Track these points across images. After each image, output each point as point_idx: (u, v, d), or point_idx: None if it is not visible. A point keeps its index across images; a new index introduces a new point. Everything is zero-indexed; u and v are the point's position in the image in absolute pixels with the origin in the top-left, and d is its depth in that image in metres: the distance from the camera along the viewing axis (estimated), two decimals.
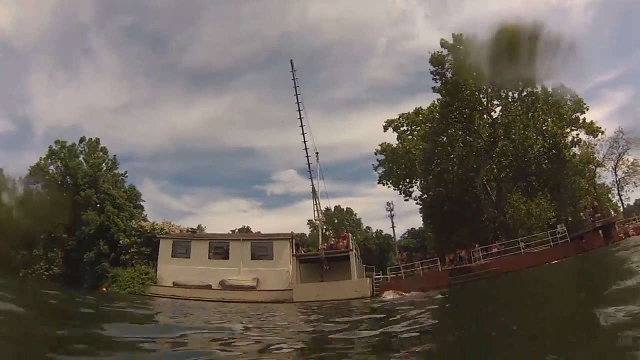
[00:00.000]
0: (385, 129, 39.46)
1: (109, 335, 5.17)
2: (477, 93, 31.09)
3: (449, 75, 31.35)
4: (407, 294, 18.23)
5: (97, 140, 38.25)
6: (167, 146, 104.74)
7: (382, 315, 10.15)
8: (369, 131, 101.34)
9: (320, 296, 22.76)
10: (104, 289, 28.98)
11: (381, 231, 60.86)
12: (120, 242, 31.79)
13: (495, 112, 32.35)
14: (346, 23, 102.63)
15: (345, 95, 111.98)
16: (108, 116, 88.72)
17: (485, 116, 32.11)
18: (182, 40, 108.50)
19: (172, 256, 29.69)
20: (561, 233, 24.51)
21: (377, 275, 28.35)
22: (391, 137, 40.51)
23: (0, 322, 5.14)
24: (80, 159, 36.88)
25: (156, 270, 29.42)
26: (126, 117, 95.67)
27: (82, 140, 37.69)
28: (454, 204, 33.99)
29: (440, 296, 15.21)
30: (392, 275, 28.24)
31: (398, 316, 9.28)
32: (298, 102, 33.44)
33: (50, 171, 36.18)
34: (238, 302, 23.04)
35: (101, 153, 37.88)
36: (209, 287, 27.16)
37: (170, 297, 25.14)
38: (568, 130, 34.52)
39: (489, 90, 31.35)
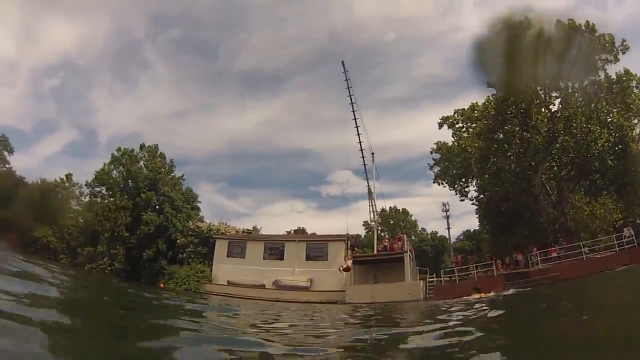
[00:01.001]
0: (441, 126, 38.86)
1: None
2: (533, 85, 29.29)
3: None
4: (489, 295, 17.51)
5: (156, 146, 41.56)
6: (223, 149, 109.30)
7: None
8: (424, 129, 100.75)
9: (374, 298, 23.15)
10: (162, 285, 31.36)
11: (436, 233, 60.14)
12: (178, 241, 34.20)
13: (554, 105, 30.88)
14: (392, 18, 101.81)
15: (398, 93, 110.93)
16: (165, 123, 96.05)
17: (543, 110, 30.80)
18: (231, 46, 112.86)
19: (227, 256, 31.42)
20: (628, 237, 23.03)
21: (430, 278, 28.22)
22: (446, 135, 39.99)
23: (81, 309, 6.39)
24: (141, 164, 40.34)
25: (211, 269, 31.37)
26: (182, 123, 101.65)
27: (142, 147, 41.16)
28: (511, 204, 32.97)
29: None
30: (446, 279, 27.94)
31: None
32: (352, 103, 34.31)
33: (114, 176, 39.81)
34: (291, 302, 23.79)
35: (160, 158, 41.04)
36: (262, 286, 28.36)
37: (224, 295, 26.66)
38: (636, 121, 31.63)
39: (546, 82, 29.62)
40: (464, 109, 37.49)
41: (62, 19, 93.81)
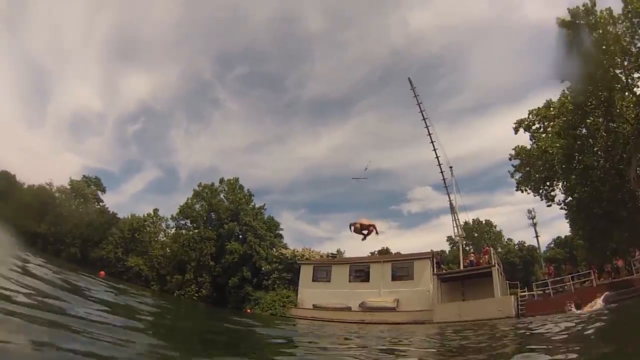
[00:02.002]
0: (516, 130, 37.28)
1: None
2: (611, 70, 27.07)
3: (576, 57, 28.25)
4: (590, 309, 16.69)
5: (236, 180, 45.01)
6: (300, 177, 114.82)
7: None
8: (498, 135, 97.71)
9: (462, 316, 22.86)
10: (249, 310, 33.33)
11: (524, 242, 57.26)
12: (263, 268, 36.27)
13: (638, 87, 27.99)
14: (448, 27, 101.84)
15: (465, 102, 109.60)
16: (241, 156, 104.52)
17: (627, 94, 28.24)
18: (297, 77, 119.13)
19: (312, 280, 32.71)
20: None
21: (521, 292, 26.88)
22: (524, 139, 38.25)
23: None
24: (221, 196, 43.53)
25: (297, 294, 32.74)
26: (258, 155, 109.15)
27: (221, 181, 45.16)
28: (604, 204, 30.60)
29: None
30: (539, 292, 26.50)
31: None
32: (424, 119, 34.53)
33: (197, 209, 43.49)
34: (377, 323, 24.13)
35: (239, 190, 44.10)
36: (348, 309, 29.02)
37: (310, 319, 27.54)
38: None
39: (626, 63, 27.12)
40: (538, 108, 35.91)
41: (137, 71, 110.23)
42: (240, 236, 40.91)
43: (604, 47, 26.05)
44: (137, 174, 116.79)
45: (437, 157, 34.43)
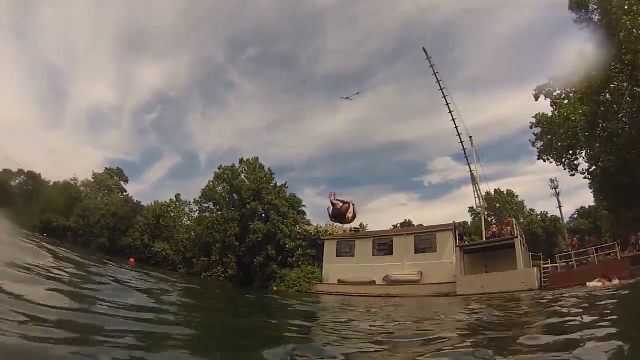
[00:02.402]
0: (537, 97, 35.87)
1: None
2: (635, 31, 24.71)
3: (596, 18, 27.23)
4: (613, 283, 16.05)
5: (256, 159, 45.62)
6: (320, 153, 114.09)
7: None
8: (519, 103, 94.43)
9: (485, 288, 22.97)
10: (275, 288, 34.29)
11: (546, 213, 55.51)
12: (287, 246, 37.07)
13: None
14: None
15: (484, 70, 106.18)
16: (259, 136, 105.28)
17: None
18: (310, 53, 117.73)
19: (337, 256, 33.41)
20: None
21: (545, 264, 26.67)
22: (545, 106, 36.67)
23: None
24: (242, 177, 44.39)
25: (322, 270, 33.51)
26: (276, 134, 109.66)
27: (241, 161, 45.75)
28: (630, 173, 30.75)
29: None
30: (562, 264, 25.96)
31: None
32: (442, 89, 34.18)
33: (219, 191, 44.46)
34: (401, 296, 24.44)
35: (260, 169, 44.82)
36: (373, 283, 29.65)
37: (335, 294, 28.38)
38: None
39: None
40: (558, 74, 34.52)
41: (149, 62, 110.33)
42: (264, 215, 41.78)
43: (626, 7, 24.85)
44: (157, 162, 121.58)
45: (456, 127, 34.16)
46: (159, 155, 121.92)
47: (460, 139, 34.06)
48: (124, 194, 61.97)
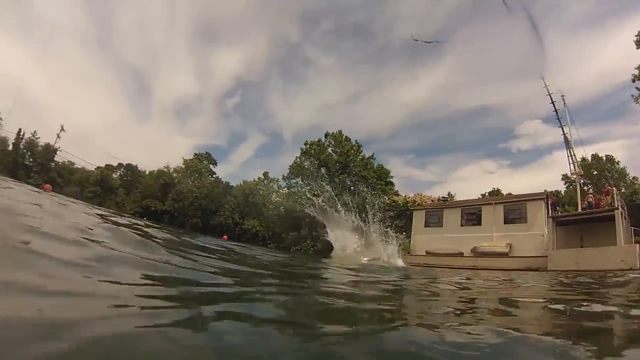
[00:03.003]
0: (639, 44, 31.95)
1: None
2: None
3: None
4: None
5: (340, 132, 47.10)
6: (404, 122, 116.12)
7: None
8: (619, 52, 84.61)
9: (579, 265, 21.69)
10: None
11: None
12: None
13: None
14: None
15: (577, 15, 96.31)
16: (342, 109, 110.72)
17: None
18: (384, 21, 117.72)
19: (425, 226, 33.77)
20: None
21: None
22: None
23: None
24: (329, 150, 46.03)
25: (410, 241, 34.09)
26: (358, 105, 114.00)
27: (326, 135, 47.47)
28: None
29: None
30: None
31: None
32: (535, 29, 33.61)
33: (306, 166, 46.48)
34: (489, 269, 23.44)
35: (346, 142, 46.29)
36: (460, 254, 29.48)
37: (423, 265, 27.88)
38: None
39: None
40: None
41: (226, 49, 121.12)
42: (352, 187, 43.18)
43: None
44: (243, 143, 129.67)
45: (545, 86, 32.40)
46: (244, 137, 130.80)
47: (551, 98, 32.25)
48: (214, 176, 67.57)
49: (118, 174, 76.30)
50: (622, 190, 43.82)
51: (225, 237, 42.47)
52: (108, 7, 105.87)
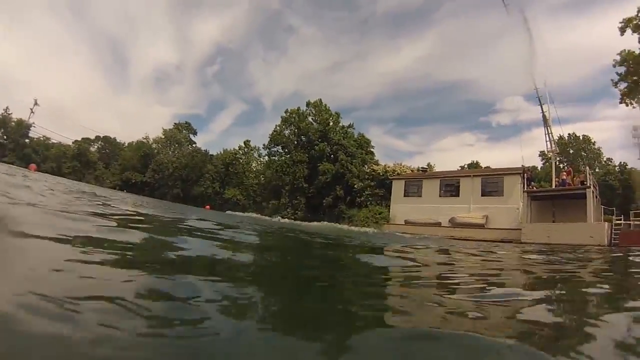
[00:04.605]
0: (623, 31, 32.14)
1: None
2: None
3: None
4: None
5: (320, 101, 47.15)
6: (385, 92, 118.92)
7: None
8: (601, 37, 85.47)
9: (550, 238, 22.60)
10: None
11: (625, 164, 51.04)
12: (355, 186, 38.75)
13: None
14: None
15: None
16: (323, 77, 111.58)
17: None
18: None
19: (404, 196, 34.29)
20: None
21: (617, 219, 25.11)
22: (631, 42, 32.78)
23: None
24: (309, 119, 46.20)
25: (389, 210, 34.68)
26: (340, 75, 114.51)
27: (308, 103, 47.44)
28: None
29: None
30: (636, 222, 24.83)
31: None
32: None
33: (286, 134, 46.76)
34: (465, 239, 23.62)
35: (325, 110, 46.44)
36: (438, 224, 30.32)
37: (402, 234, 28.14)
38: None
39: None
40: None
41: (205, 16, 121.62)
42: (332, 156, 43.65)
43: None
44: (222, 112, 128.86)
45: (528, 64, 33.32)
46: (224, 105, 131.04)
47: (533, 77, 32.91)
48: (193, 145, 67.15)
49: (96, 147, 75.43)
50: (596, 170, 45.14)
51: (207, 207, 42.65)
52: None
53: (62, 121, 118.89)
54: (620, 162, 52.89)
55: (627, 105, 34.57)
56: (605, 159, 56.22)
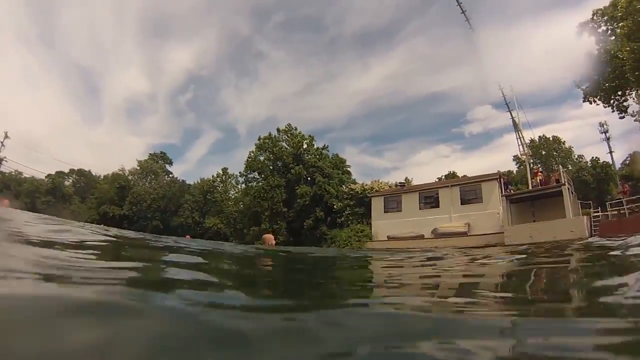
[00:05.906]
0: (580, 34, 33.59)
1: None
2: None
3: None
4: None
5: (289, 125, 47.48)
6: (357, 111, 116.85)
7: None
8: (561, 41, 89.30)
9: (533, 238, 22.62)
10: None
11: (597, 159, 52.86)
12: (335, 206, 38.53)
13: None
14: None
15: (518, 6, 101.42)
16: (295, 100, 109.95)
17: None
18: (335, 13, 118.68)
19: (384, 212, 34.35)
20: None
21: (595, 212, 26.56)
22: (589, 43, 33.88)
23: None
24: (283, 143, 46.07)
25: (371, 227, 34.55)
26: (312, 97, 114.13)
27: (278, 130, 47.35)
28: None
29: None
30: (613, 212, 25.77)
31: None
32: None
33: (262, 160, 46.48)
34: (450, 248, 23.78)
35: (298, 133, 46.47)
36: (421, 237, 30.33)
37: (386, 250, 27.41)
38: None
39: None
40: (603, 7, 32.39)
41: (176, 44, 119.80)
42: (309, 178, 43.49)
43: None
44: (197, 140, 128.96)
45: (491, 75, 34.99)
46: (199, 133, 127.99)
47: (499, 86, 33.68)
48: (170, 175, 66.25)
49: (70, 180, 73.55)
50: (569, 168, 46.06)
51: (188, 236, 41.89)
52: (51, 3, 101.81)
53: (34, 154, 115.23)
54: (592, 158, 54.48)
55: (590, 103, 35.21)
56: (576, 157, 58.03)
